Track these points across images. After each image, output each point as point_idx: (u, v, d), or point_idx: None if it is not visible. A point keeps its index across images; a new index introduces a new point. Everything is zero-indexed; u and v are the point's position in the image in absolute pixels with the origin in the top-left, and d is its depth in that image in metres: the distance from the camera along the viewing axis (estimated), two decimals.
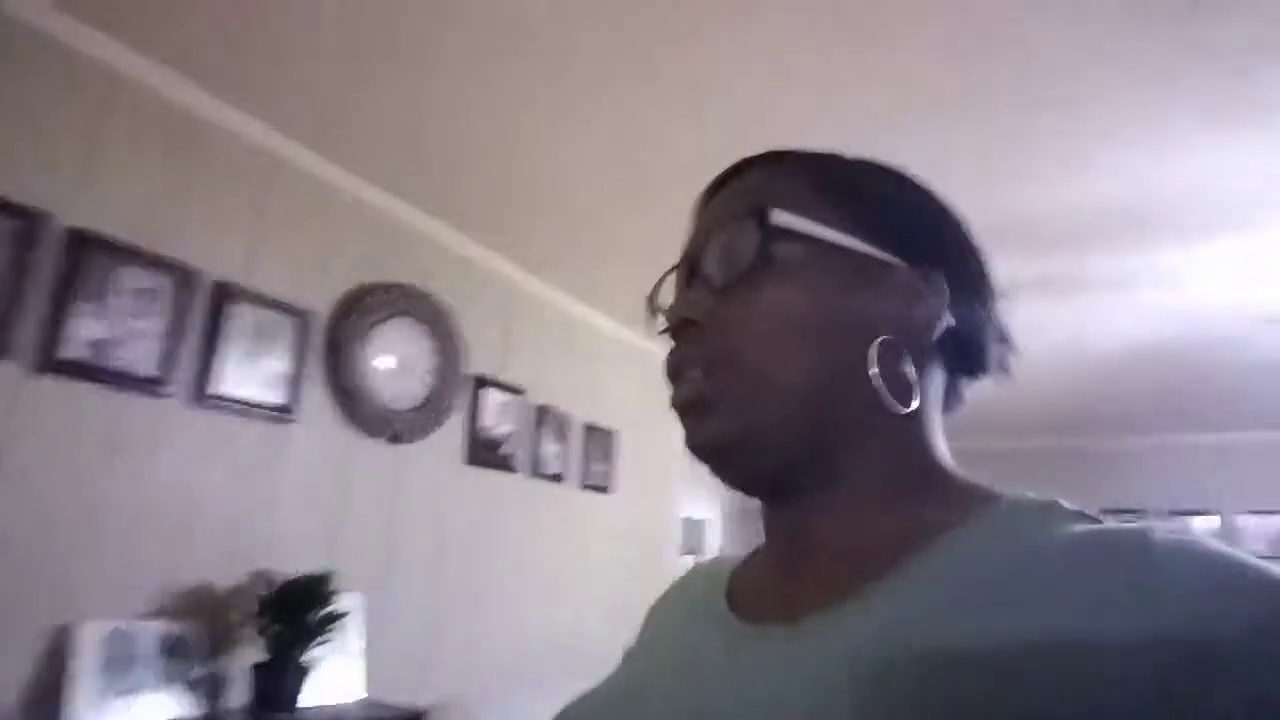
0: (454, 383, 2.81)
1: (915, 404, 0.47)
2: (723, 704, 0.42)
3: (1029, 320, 3.37)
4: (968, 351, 0.51)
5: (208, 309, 2.04)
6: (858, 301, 0.47)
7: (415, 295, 2.67)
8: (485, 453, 2.96)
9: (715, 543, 5.88)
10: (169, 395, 1.92)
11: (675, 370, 0.50)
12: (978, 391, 0.55)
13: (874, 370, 0.46)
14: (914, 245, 0.49)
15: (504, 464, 3.04)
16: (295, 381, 2.23)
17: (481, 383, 2.98)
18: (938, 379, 0.50)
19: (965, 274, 0.50)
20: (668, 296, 0.54)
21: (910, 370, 0.47)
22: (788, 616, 0.44)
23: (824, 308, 0.47)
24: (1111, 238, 2.76)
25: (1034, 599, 0.37)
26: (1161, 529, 0.38)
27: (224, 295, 2.07)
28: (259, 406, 2.13)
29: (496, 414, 3.03)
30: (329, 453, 2.35)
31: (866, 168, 0.52)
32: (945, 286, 0.48)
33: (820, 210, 0.48)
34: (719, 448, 0.48)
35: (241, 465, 2.10)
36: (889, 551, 0.44)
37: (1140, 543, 0.37)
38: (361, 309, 2.46)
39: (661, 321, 0.53)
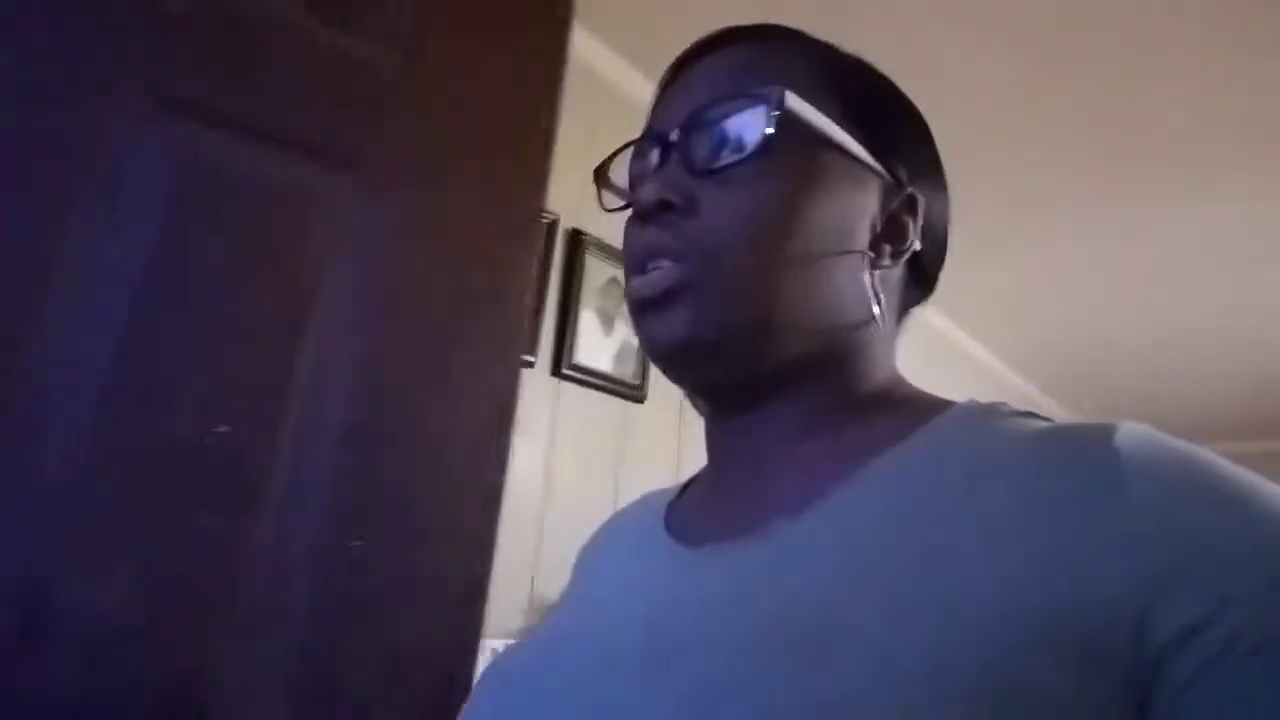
0: None
1: (879, 314, 0.46)
2: (676, 613, 0.40)
3: None
4: (923, 276, 0.52)
5: None
6: (847, 208, 0.46)
7: None
8: None
9: None
10: None
11: (642, 256, 0.45)
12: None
13: (868, 277, 0.46)
14: (901, 160, 0.48)
15: None
16: None
17: None
18: (895, 296, 0.50)
19: (935, 199, 0.50)
20: (620, 173, 0.51)
21: (878, 283, 0.47)
22: (732, 533, 0.43)
23: (816, 209, 0.45)
24: None
25: (983, 511, 0.36)
26: (1128, 427, 0.37)
27: None
28: None
29: None
30: None
31: (868, 68, 0.50)
32: (921, 208, 0.48)
33: (825, 103, 0.45)
34: (687, 346, 0.44)
35: None
36: (840, 466, 0.43)
37: (1103, 442, 0.36)
38: None
39: (612, 199, 0.51)
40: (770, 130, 0.43)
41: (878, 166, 0.47)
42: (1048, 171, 2.32)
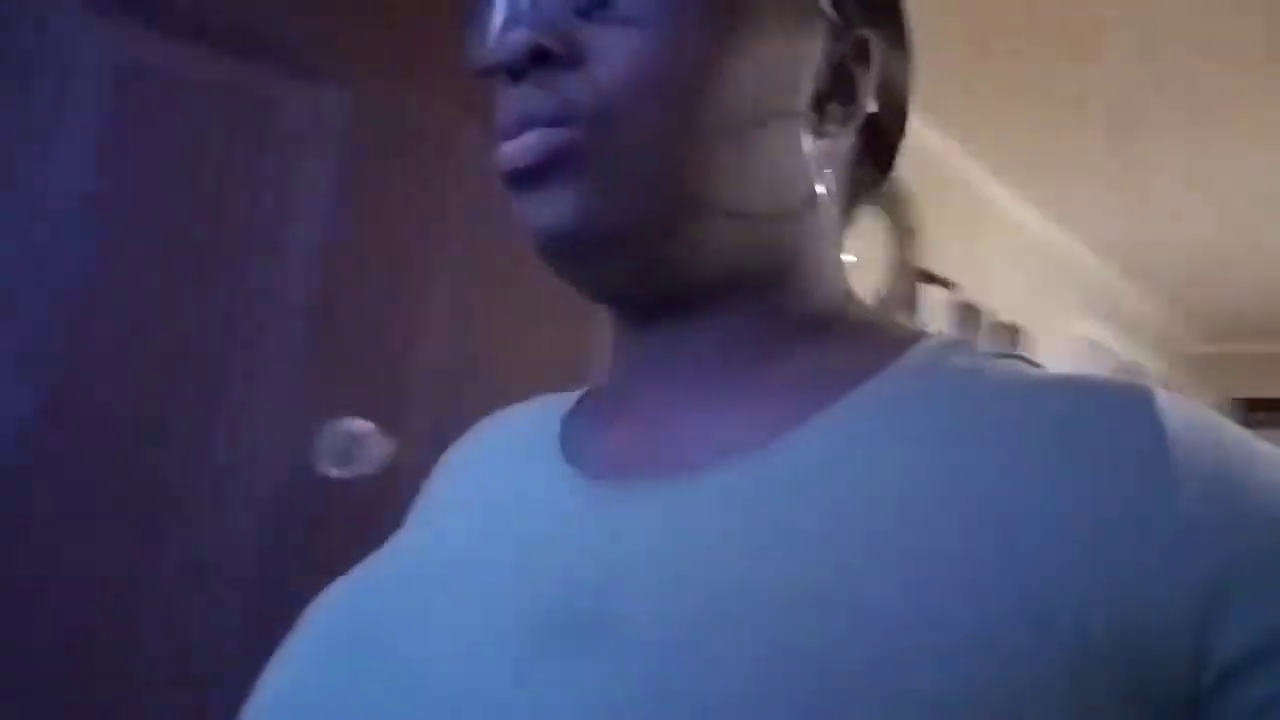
0: (905, 278, 2.70)
1: (823, 193, 0.37)
2: (583, 576, 0.31)
3: None
4: (879, 147, 0.42)
5: None
6: (781, 55, 0.36)
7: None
8: None
9: None
10: None
11: (519, 121, 0.34)
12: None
13: (809, 146, 0.36)
14: (856, 3, 0.38)
15: None
16: None
17: (927, 278, 2.84)
18: (845, 174, 0.41)
19: (894, 52, 0.41)
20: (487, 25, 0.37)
21: (822, 154, 0.37)
22: (655, 470, 0.34)
23: (741, 57, 0.34)
24: None
25: (980, 484, 0.29)
26: (1166, 397, 0.30)
27: None
28: None
29: (931, 312, 2.91)
30: None
31: None
32: (879, 62, 0.38)
33: None
34: (575, 235, 0.34)
35: None
36: (793, 400, 0.34)
37: (1142, 414, 0.29)
38: None
39: (482, 51, 0.37)
40: None
41: (825, 7, 0.37)
42: (1234, 68, 2.30)
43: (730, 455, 0.33)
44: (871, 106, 0.39)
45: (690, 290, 0.37)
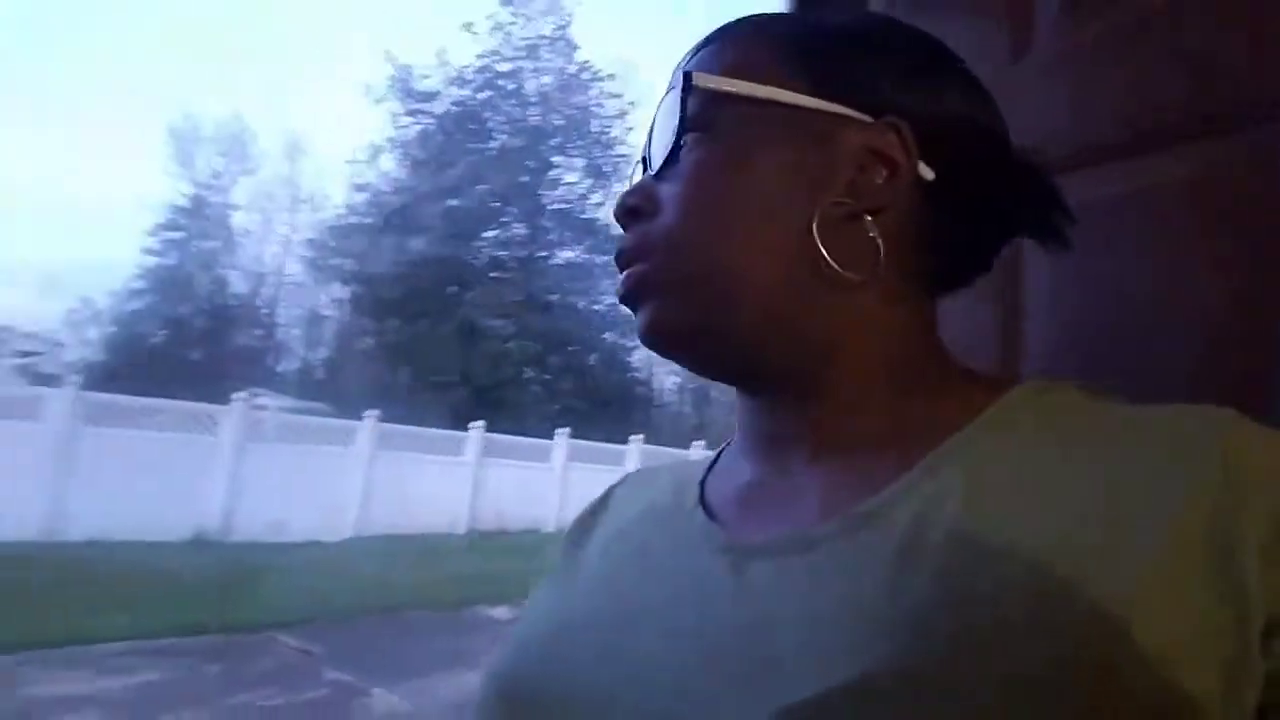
0: None
1: (876, 269, 0.42)
2: (736, 628, 0.37)
3: None
4: (970, 208, 0.45)
5: None
6: (805, 162, 0.43)
7: None
8: None
9: None
10: None
11: (618, 258, 0.47)
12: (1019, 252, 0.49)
13: (815, 234, 0.41)
14: (875, 94, 0.44)
15: None
16: None
17: None
18: (921, 243, 0.45)
19: (952, 123, 0.45)
20: None
21: (872, 233, 0.42)
22: (790, 527, 0.41)
23: (764, 174, 0.43)
24: None
25: (1079, 519, 0.34)
26: (1231, 419, 0.35)
27: None
28: None
29: None
30: None
31: (830, 19, 0.48)
32: (910, 136, 0.43)
33: (762, 69, 0.44)
34: (665, 337, 0.46)
35: None
36: (894, 453, 0.40)
37: (1211, 440, 0.34)
38: None
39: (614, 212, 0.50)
40: (680, 113, 0.43)
41: (840, 109, 0.43)
42: None
43: (833, 516, 0.39)
44: (927, 174, 0.43)
45: (767, 368, 0.45)
